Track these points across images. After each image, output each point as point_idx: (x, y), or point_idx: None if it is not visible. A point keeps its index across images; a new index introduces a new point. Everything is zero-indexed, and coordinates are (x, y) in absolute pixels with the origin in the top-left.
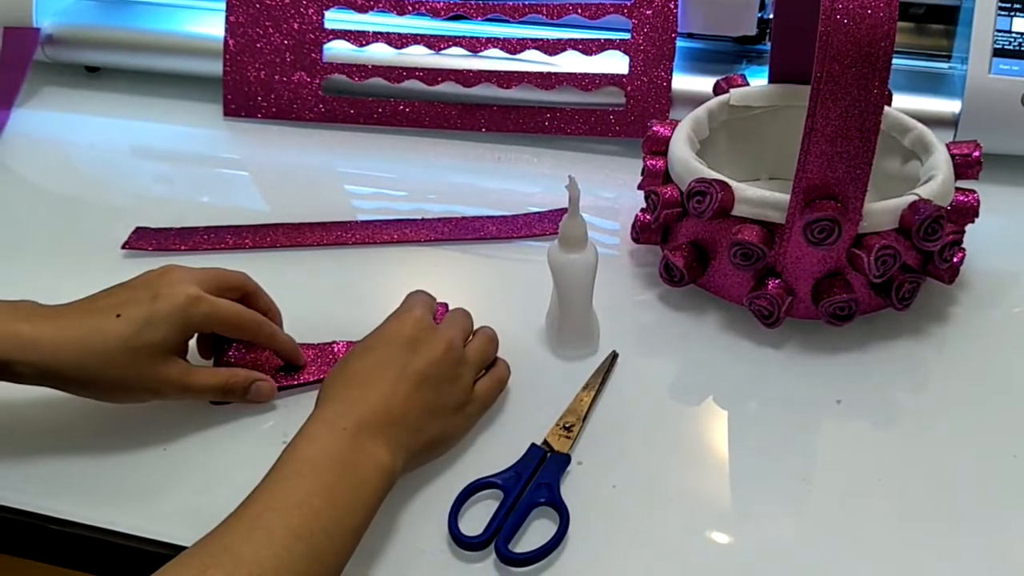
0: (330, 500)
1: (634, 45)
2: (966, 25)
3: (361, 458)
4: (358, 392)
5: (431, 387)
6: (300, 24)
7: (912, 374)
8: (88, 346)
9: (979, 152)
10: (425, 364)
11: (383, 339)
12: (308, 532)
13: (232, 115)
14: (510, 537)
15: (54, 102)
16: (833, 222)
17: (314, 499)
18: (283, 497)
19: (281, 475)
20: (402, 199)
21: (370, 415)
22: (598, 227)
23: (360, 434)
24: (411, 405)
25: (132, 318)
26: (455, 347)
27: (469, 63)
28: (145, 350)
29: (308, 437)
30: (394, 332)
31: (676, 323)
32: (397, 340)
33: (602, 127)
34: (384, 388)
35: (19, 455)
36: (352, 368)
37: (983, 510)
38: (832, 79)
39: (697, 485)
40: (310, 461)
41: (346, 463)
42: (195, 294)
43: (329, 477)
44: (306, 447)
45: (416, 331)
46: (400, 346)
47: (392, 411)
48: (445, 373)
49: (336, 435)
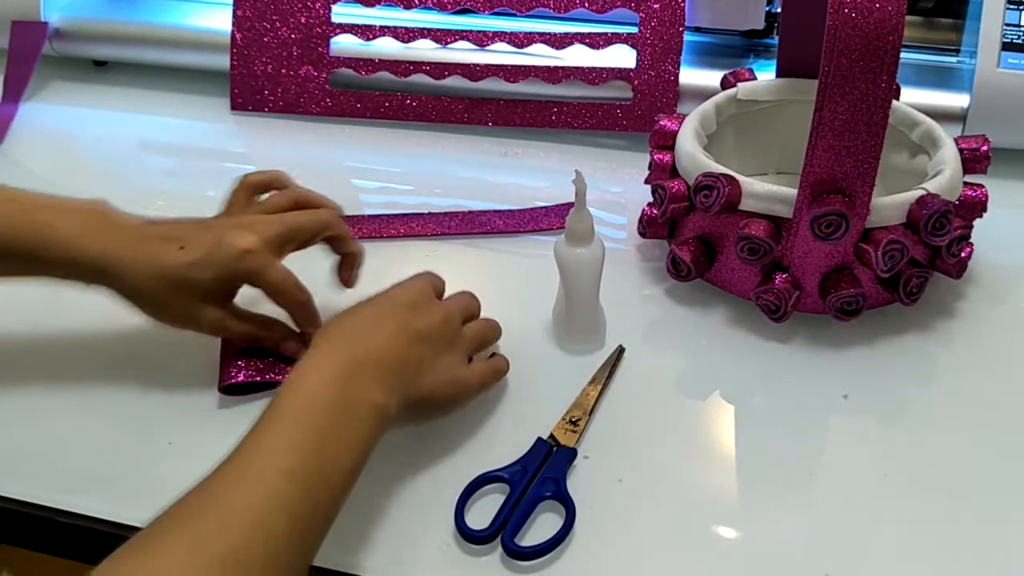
0: (323, 441)
1: (641, 39)
2: (975, 19)
3: (354, 398)
4: (355, 336)
5: (428, 347)
6: (307, 18)
7: (919, 369)
8: (147, 266)
9: (987, 147)
10: (423, 326)
11: (384, 297)
12: (301, 473)
13: (239, 109)
14: (516, 531)
15: (62, 96)
16: (841, 217)
17: (306, 440)
18: (273, 440)
19: (272, 417)
20: (409, 193)
21: (365, 356)
22: (605, 221)
23: (354, 374)
24: (409, 356)
25: (191, 254)
26: (452, 320)
27: (476, 57)
28: (193, 285)
29: (299, 379)
30: (396, 294)
31: (683, 318)
32: (398, 300)
33: (609, 121)
34: (382, 336)
35: (34, 451)
36: (350, 317)
37: (991, 506)
38: (840, 73)
39: (703, 479)
40: (301, 403)
41: (339, 403)
42: (252, 248)
43: (321, 418)
44: (297, 389)
45: (417, 298)
46: (401, 305)
47: (389, 357)
48: (442, 339)
49: (328, 375)
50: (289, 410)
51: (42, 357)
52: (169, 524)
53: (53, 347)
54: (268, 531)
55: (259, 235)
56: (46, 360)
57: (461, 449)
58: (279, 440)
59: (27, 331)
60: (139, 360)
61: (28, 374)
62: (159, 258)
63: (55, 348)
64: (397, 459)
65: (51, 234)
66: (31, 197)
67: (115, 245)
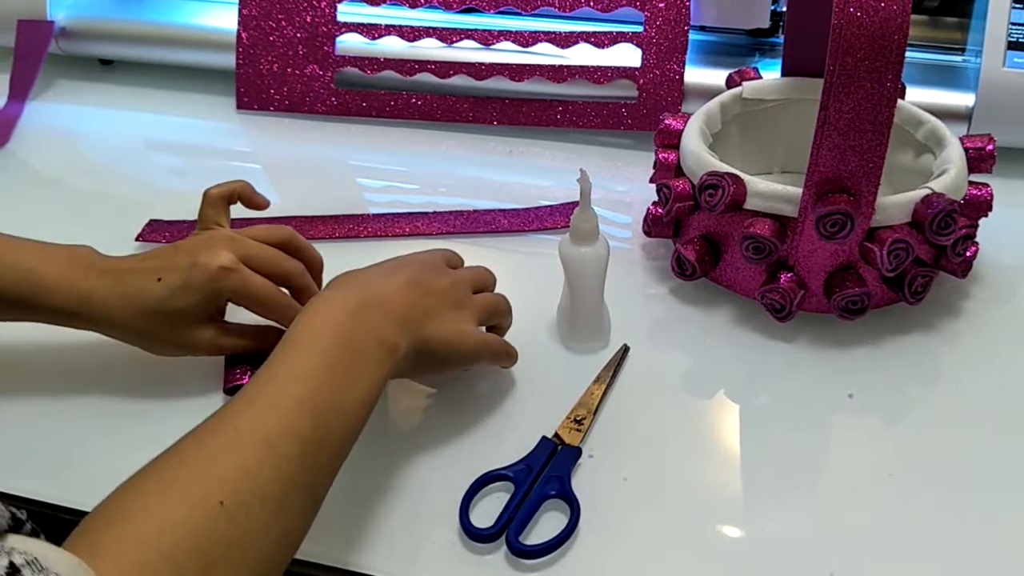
0: (334, 371)
1: (646, 38)
2: (980, 18)
3: (364, 332)
4: (365, 282)
5: (436, 300)
6: (313, 17)
7: (924, 368)
8: (132, 304)
9: (993, 146)
10: (432, 282)
11: (394, 262)
12: (312, 400)
13: (245, 108)
14: (521, 529)
15: (68, 95)
16: (846, 216)
17: (318, 369)
18: (285, 369)
19: (284, 348)
20: (414, 192)
21: (375, 298)
22: (610, 220)
23: (363, 310)
24: (417, 303)
25: (169, 283)
26: (461, 285)
27: (481, 56)
28: (179, 313)
29: (311, 313)
30: (408, 257)
31: (687, 317)
32: (410, 260)
33: (614, 120)
34: (392, 284)
35: (37, 450)
36: (360, 271)
37: (996, 505)
38: (845, 72)
39: (708, 478)
40: (312, 334)
41: (350, 336)
42: (229, 265)
43: (333, 349)
44: (309, 321)
45: (430, 260)
46: (412, 264)
47: (398, 300)
48: (450, 298)
49: (338, 310)
50: (301, 341)
51: (45, 356)
52: (179, 447)
53: (56, 346)
54: (278, 453)
55: (232, 251)
56: (49, 359)
57: (466, 447)
58: (291, 368)
59: (30, 331)
60: (145, 362)
61: (33, 373)
62: (141, 295)
63: (58, 347)
64: (402, 457)
65: (37, 280)
66: (16, 242)
67: (99, 290)
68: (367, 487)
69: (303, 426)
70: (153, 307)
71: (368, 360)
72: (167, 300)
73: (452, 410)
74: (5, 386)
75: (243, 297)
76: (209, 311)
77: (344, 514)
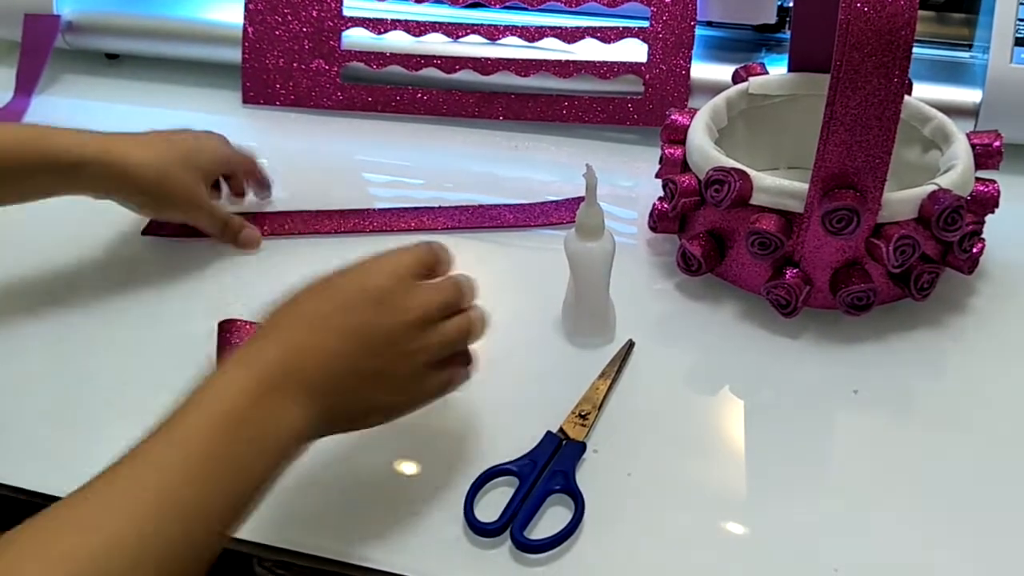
0: (209, 470)
1: (653, 33)
2: (987, 14)
3: (265, 420)
4: (299, 330)
5: (384, 357)
6: (319, 12)
7: (930, 365)
8: (151, 157)
9: (1000, 142)
10: (387, 329)
11: (350, 283)
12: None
13: (251, 102)
14: (525, 524)
15: (74, 89)
16: (852, 211)
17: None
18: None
19: (164, 427)
20: (419, 187)
21: (299, 362)
22: (615, 216)
23: (274, 388)
24: (356, 366)
25: (185, 143)
26: (425, 318)
27: (487, 51)
28: (195, 165)
29: (208, 385)
30: (364, 279)
31: (693, 312)
32: (365, 289)
33: (620, 115)
34: (331, 339)
35: (37, 445)
36: (301, 306)
37: (1002, 500)
38: (852, 68)
39: (712, 474)
40: (198, 419)
41: (242, 425)
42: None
43: (215, 443)
44: (201, 399)
45: (391, 284)
46: (366, 298)
47: (330, 366)
48: (405, 343)
49: (237, 388)
50: (183, 425)
51: (47, 352)
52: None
53: (57, 343)
54: (122, 549)
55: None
56: (51, 355)
57: (470, 442)
58: (159, 457)
59: (33, 323)
60: (146, 358)
61: (34, 367)
62: (163, 147)
63: (59, 344)
64: (406, 451)
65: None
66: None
67: (118, 143)
68: (371, 481)
69: (157, 529)
70: (178, 154)
71: (262, 453)
72: (188, 153)
73: (456, 405)
74: (18, 381)
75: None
76: (214, 175)
77: (348, 508)
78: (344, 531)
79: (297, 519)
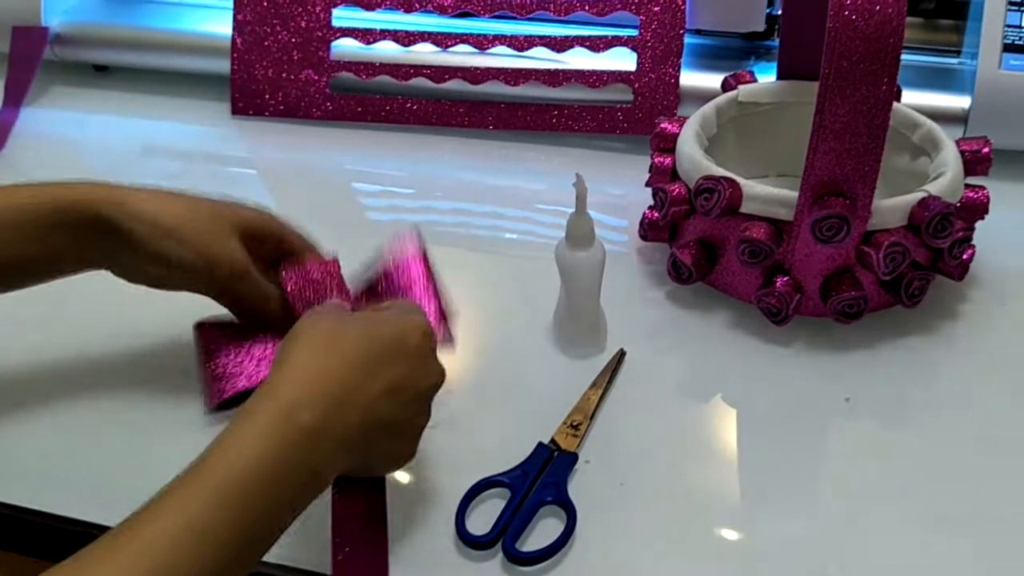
0: (248, 517)
1: (642, 42)
2: (976, 20)
3: (303, 466)
4: (346, 375)
5: (414, 408)
6: (308, 22)
7: (921, 372)
8: (183, 207)
9: (989, 148)
10: (423, 386)
11: (393, 332)
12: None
13: (240, 113)
14: (517, 536)
15: (63, 101)
16: (842, 219)
17: (229, 513)
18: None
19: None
20: (410, 196)
21: (341, 417)
22: (606, 224)
23: (317, 434)
24: (388, 422)
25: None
26: (444, 378)
27: (476, 60)
28: (227, 222)
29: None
30: (406, 334)
31: (684, 321)
32: (406, 344)
33: (610, 124)
34: (370, 395)
35: (40, 464)
36: (349, 338)
37: (994, 508)
38: (841, 75)
39: (705, 483)
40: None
41: (282, 474)
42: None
43: (254, 491)
44: (236, 447)
45: (425, 347)
46: (407, 353)
47: (364, 424)
48: (427, 401)
49: (281, 439)
50: (215, 465)
51: (68, 371)
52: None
53: (55, 363)
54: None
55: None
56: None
57: (462, 454)
58: (198, 500)
59: (31, 346)
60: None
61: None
62: (195, 201)
63: (57, 364)
64: None
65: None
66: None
67: (137, 193)
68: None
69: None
70: (206, 211)
71: (298, 500)
72: (220, 207)
73: (448, 416)
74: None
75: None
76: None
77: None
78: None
79: (286, 532)
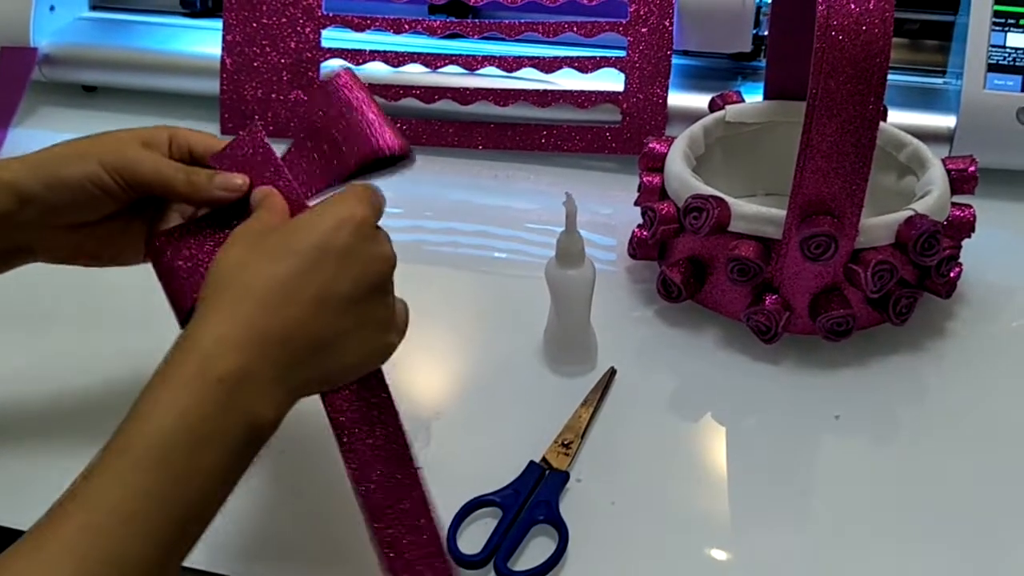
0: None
1: (630, 63)
2: (960, 41)
3: (230, 419)
4: (254, 314)
5: (355, 313)
6: (297, 43)
7: (910, 389)
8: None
9: (975, 167)
10: (356, 282)
11: (309, 244)
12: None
13: (229, 134)
14: (509, 555)
15: (51, 121)
16: (830, 238)
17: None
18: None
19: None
20: (399, 216)
21: (262, 352)
22: (595, 243)
23: (239, 385)
24: (325, 333)
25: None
26: (394, 260)
27: (466, 81)
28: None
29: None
30: (326, 238)
31: (674, 339)
32: (328, 249)
33: (599, 144)
34: (296, 311)
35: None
36: (251, 272)
37: (984, 524)
38: (827, 95)
39: (696, 501)
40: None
41: (206, 429)
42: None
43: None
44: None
45: (355, 240)
46: (331, 258)
47: (297, 340)
48: (378, 291)
49: (198, 393)
50: (136, 442)
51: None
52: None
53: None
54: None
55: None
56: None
57: (453, 473)
58: (118, 480)
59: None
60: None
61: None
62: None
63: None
64: None
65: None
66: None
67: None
68: (353, 512)
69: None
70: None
71: (230, 453)
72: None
73: (438, 435)
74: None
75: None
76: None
77: (329, 539)
78: (325, 563)
79: (275, 550)
